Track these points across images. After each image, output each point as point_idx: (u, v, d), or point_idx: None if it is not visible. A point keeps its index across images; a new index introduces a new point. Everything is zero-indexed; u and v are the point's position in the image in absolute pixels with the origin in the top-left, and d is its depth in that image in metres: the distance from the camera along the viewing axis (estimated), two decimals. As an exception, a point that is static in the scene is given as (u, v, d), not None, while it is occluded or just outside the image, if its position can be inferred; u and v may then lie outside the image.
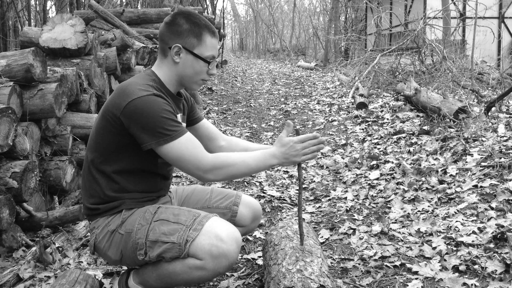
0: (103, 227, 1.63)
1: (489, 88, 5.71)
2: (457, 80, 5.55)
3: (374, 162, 3.64)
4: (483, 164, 2.95)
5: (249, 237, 2.53)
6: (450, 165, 3.11)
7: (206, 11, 14.32)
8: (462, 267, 1.92)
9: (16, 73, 2.59)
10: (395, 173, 3.30)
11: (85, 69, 3.50)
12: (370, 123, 5.13)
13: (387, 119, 5.05)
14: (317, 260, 1.68)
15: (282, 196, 3.23)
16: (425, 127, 4.14)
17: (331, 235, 2.49)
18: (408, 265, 2.04)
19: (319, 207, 2.98)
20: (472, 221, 2.35)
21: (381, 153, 3.91)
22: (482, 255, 1.98)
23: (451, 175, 2.96)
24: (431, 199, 2.75)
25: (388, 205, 2.82)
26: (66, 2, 11.35)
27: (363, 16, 15.46)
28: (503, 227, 2.18)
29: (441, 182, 2.93)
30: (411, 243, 2.26)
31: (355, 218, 2.71)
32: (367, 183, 3.28)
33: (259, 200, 3.17)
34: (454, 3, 8.83)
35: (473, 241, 2.12)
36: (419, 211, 2.63)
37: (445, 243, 2.17)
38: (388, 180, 3.24)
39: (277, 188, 3.42)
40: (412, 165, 3.36)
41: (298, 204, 1.73)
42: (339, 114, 6.01)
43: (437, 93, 4.90)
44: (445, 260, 2.01)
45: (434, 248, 2.15)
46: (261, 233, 2.60)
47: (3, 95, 2.39)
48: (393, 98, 5.96)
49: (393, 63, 7.81)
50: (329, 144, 4.58)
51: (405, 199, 2.84)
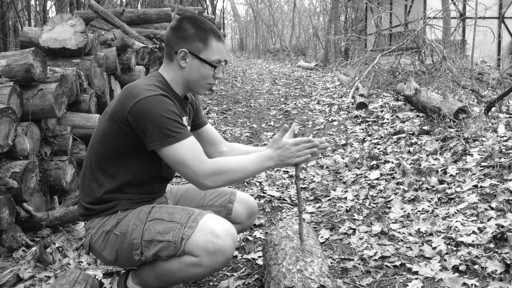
0: (98, 228, 1.64)
1: (489, 88, 5.71)
2: (457, 80, 5.55)
3: (374, 162, 3.64)
4: (483, 164, 2.95)
5: (249, 237, 2.54)
6: (450, 165, 3.11)
7: (206, 11, 14.33)
8: (462, 267, 1.93)
9: (16, 73, 2.59)
10: (395, 173, 3.30)
11: (85, 69, 3.50)
12: (370, 123, 5.13)
13: (387, 119, 5.05)
14: (317, 260, 1.69)
15: (282, 196, 3.23)
16: (425, 127, 4.14)
17: (331, 235, 2.50)
18: (408, 265, 2.04)
19: (319, 207, 2.99)
20: (472, 221, 2.35)
21: (381, 153, 3.91)
22: (482, 255, 1.98)
23: (451, 175, 2.96)
24: (431, 199, 2.75)
25: (388, 205, 2.82)
26: (66, 2, 11.37)
27: (363, 16, 15.47)
28: (503, 227, 2.18)
29: (441, 182, 2.93)
30: (411, 243, 2.26)
31: (355, 218, 2.71)
32: (367, 183, 3.28)
33: (259, 200, 3.17)
34: (454, 3, 8.83)
35: (473, 241, 2.12)
36: (419, 211, 2.63)
37: (445, 243, 2.17)
38: (388, 180, 3.24)
39: (277, 188, 3.42)
40: (412, 165, 3.36)
41: (298, 204, 1.73)
42: (339, 114, 6.01)
43: (437, 93, 4.90)
44: (445, 260, 2.02)
45: (434, 248, 2.15)
46: (261, 233, 2.60)
47: (3, 95, 2.39)
48: (393, 98, 5.96)
49: (393, 63, 7.81)
50: (329, 144, 4.58)
51: (405, 199, 2.84)
